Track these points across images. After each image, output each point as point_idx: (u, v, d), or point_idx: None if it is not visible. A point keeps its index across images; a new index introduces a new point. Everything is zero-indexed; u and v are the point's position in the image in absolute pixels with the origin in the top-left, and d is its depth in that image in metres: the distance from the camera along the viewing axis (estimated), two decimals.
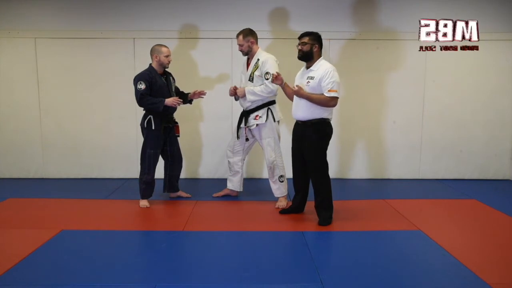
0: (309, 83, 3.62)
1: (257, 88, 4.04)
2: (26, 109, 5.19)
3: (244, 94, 4.09)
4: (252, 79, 4.10)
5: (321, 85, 3.57)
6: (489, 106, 5.27)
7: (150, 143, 4.14)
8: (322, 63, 3.66)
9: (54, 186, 5.03)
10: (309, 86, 3.62)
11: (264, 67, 4.03)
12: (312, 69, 3.66)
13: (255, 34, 4.13)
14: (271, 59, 4.05)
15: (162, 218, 4.06)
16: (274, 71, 3.90)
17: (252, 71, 4.09)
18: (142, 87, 3.99)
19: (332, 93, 3.54)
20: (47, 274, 2.81)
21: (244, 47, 4.10)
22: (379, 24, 5.12)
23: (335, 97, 3.57)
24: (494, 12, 5.13)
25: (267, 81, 3.99)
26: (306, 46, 3.63)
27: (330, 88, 3.53)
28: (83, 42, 5.08)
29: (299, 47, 3.67)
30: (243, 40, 4.07)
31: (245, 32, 4.08)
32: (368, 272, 2.87)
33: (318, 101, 3.58)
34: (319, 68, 3.63)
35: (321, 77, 3.56)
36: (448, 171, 5.39)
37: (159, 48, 4.08)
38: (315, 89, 3.60)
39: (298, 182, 3.93)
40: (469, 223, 3.85)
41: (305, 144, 3.72)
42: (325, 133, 3.70)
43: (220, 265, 2.96)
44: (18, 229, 3.62)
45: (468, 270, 2.86)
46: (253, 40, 4.09)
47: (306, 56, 3.67)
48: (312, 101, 3.59)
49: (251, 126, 4.18)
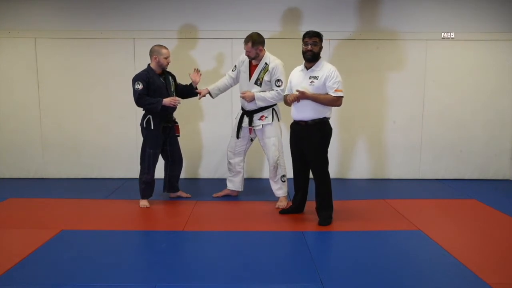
0: (313, 83, 3.62)
1: (268, 94, 4.04)
2: (26, 109, 5.19)
3: (253, 98, 4.08)
4: (261, 83, 4.09)
5: (326, 85, 3.59)
6: (489, 106, 5.27)
7: (149, 143, 4.14)
8: (324, 63, 3.68)
9: (54, 186, 5.03)
10: (313, 86, 3.62)
11: (275, 74, 4.02)
12: (315, 69, 3.65)
13: (263, 41, 4.05)
14: (281, 65, 4.05)
15: (162, 218, 4.06)
16: (284, 79, 3.98)
17: (261, 76, 4.08)
18: (139, 87, 3.99)
19: (339, 93, 3.58)
20: (47, 274, 2.81)
21: (252, 53, 4.06)
22: (379, 24, 5.12)
23: (341, 97, 3.61)
24: (494, 12, 5.13)
25: (279, 89, 4.01)
26: (316, 46, 3.62)
27: (336, 88, 3.57)
28: (83, 42, 5.08)
29: (309, 47, 3.61)
30: (252, 48, 4.01)
31: (254, 40, 3.99)
32: (368, 272, 2.87)
33: (325, 101, 3.59)
34: (322, 68, 3.63)
35: (326, 77, 3.58)
36: (448, 171, 5.39)
37: (159, 49, 4.08)
38: (319, 89, 3.61)
39: (298, 182, 3.93)
40: (469, 223, 3.85)
41: (307, 144, 3.72)
42: (327, 131, 3.72)
43: (220, 265, 2.96)
44: (18, 229, 3.62)
45: (468, 270, 2.86)
46: (261, 48, 4.05)
47: (315, 57, 3.65)
48: (318, 101, 3.60)
49: (257, 127, 4.18)
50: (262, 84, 4.08)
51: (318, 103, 3.60)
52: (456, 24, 5.14)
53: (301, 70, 3.76)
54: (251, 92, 4.11)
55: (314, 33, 3.64)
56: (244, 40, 4.06)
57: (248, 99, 4.12)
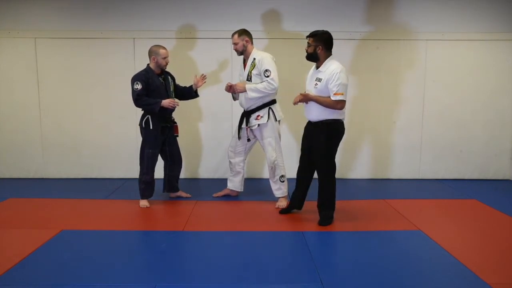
0: (317, 86, 3.62)
1: (259, 85, 4.01)
2: (26, 109, 5.19)
3: (244, 89, 4.06)
4: (250, 78, 4.09)
5: (328, 87, 3.55)
6: (489, 106, 5.27)
7: (148, 143, 4.15)
8: (329, 64, 3.60)
9: (54, 186, 5.03)
10: (317, 88, 3.62)
11: (262, 65, 4.02)
12: (320, 70, 3.64)
13: (250, 34, 4.14)
14: (267, 57, 4.06)
15: (162, 218, 4.06)
16: (272, 68, 3.96)
17: (250, 70, 4.09)
18: (138, 88, 3.99)
19: (338, 97, 3.51)
20: (47, 274, 2.81)
21: (239, 46, 4.10)
22: (379, 24, 5.12)
23: (341, 100, 3.53)
24: (494, 12, 5.13)
25: (268, 78, 3.98)
26: (310, 47, 3.63)
27: (336, 92, 3.50)
28: (83, 42, 5.08)
29: (306, 48, 3.67)
30: (238, 38, 4.08)
31: (240, 31, 4.10)
32: (368, 272, 2.87)
33: (325, 104, 3.57)
34: (326, 69, 3.59)
35: (328, 79, 3.54)
36: (448, 171, 5.39)
37: (157, 49, 4.08)
38: (322, 91, 3.59)
39: (300, 178, 3.93)
40: (469, 223, 3.85)
41: (313, 143, 3.73)
42: (334, 133, 3.67)
43: (220, 265, 2.96)
44: (18, 229, 3.62)
45: (468, 270, 2.86)
46: (248, 39, 4.09)
47: (311, 57, 3.66)
48: (319, 103, 3.59)
49: (253, 126, 4.18)
50: (252, 78, 4.08)
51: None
52: (456, 24, 5.14)
53: (313, 70, 3.78)
54: (242, 83, 4.11)
55: (310, 34, 3.67)
56: (231, 35, 4.13)
57: (239, 90, 4.11)
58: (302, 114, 3.84)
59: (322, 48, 3.60)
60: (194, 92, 4.33)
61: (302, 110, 3.84)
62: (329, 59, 3.63)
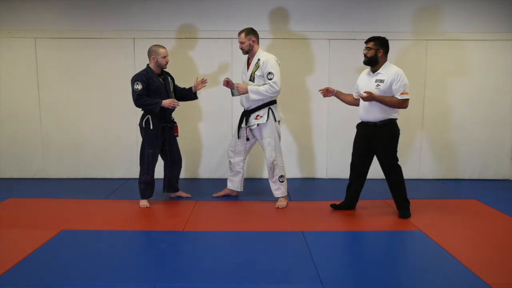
0: (379, 86, 3.74)
1: (261, 87, 4.02)
2: (26, 109, 5.18)
3: (246, 91, 4.07)
4: (253, 79, 4.09)
5: (392, 88, 3.69)
6: (489, 106, 5.27)
7: (148, 143, 4.15)
8: (389, 66, 3.78)
9: (54, 186, 5.02)
10: (379, 89, 3.74)
11: (265, 67, 4.02)
12: (380, 72, 3.78)
13: (257, 34, 4.13)
14: (272, 59, 4.05)
15: (162, 218, 4.06)
16: (276, 71, 3.95)
17: (253, 71, 4.09)
18: (138, 88, 3.99)
19: (405, 96, 3.70)
20: (47, 274, 2.81)
21: (245, 45, 4.10)
22: (378, 24, 5.10)
23: (407, 99, 3.72)
24: (494, 12, 5.12)
25: (271, 81, 3.99)
26: (370, 51, 3.78)
27: (402, 91, 3.69)
28: (83, 42, 5.08)
29: (364, 52, 3.80)
30: (245, 37, 4.07)
31: (248, 30, 4.09)
32: (368, 272, 2.87)
33: (391, 104, 3.72)
34: (387, 71, 3.75)
35: (392, 80, 3.70)
36: (448, 171, 5.39)
37: (157, 49, 4.08)
38: (385, 92, 3.73)
39: (352, 180, 4.04)
40: (469, 223, 3.85)
41: (378, 144, 3.86)
42: (395, 132, 3.87)
43: (220, 265, 2.96)
44: (18, 229, 3.62)
45: (468, 270, 2.86)
46: (254, 39, 4.09)
47: (371, 61, 3.81)
48: (385, 103, 3.72)
49: (252, 126, 4.17)
50: (254, 79, 4.08)
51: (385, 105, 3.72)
52: (456, 24, 5.14)
53: (368, 74, 3.90)
54: (244, 84, 4.11)
55: (370, 38, 3.84)
56: (238, 34, 4.12)
57: (241, 92, 4.11)
58: (302, 114, 3.84)
59: (382, 51, 3.78)
60: (193, 94, 4.34)
61: (302, 110, 3.84)
62: (387, 62, 3.81)
